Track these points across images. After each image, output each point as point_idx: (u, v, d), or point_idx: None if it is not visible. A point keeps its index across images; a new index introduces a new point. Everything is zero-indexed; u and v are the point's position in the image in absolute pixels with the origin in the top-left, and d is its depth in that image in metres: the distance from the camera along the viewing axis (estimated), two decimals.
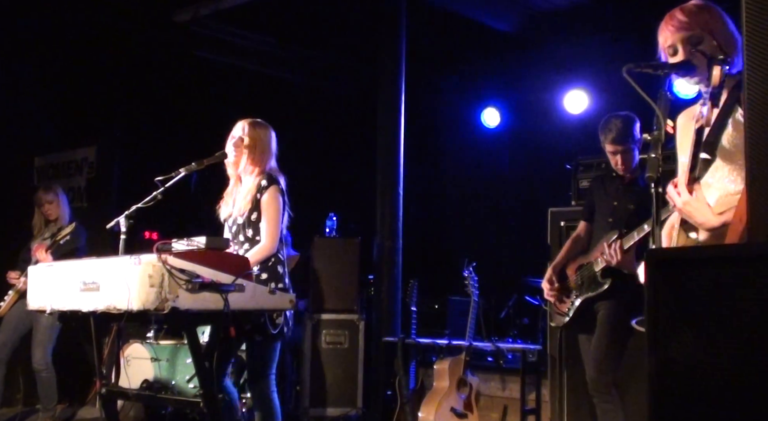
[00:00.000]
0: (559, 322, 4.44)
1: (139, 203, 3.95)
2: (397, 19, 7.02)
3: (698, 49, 2.56)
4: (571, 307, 4.31)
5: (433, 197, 8.97)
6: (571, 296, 4.34)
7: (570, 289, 4.34)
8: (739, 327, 1.75)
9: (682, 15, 2.61)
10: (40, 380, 6.04)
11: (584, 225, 4.51)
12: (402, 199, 6.93)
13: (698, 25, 2.57)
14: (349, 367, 6.65)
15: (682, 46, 2.60)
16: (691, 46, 2.58)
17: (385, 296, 6.82)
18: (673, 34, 2.62)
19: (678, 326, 1.85)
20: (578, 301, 4.27)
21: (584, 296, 4.23)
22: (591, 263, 4.22)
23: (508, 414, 5.97)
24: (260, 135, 4.07)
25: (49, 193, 6.18)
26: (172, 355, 5.83)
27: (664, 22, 2.65)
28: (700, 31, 2.57)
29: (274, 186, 3.98)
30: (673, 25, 2.61)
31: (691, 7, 2.63)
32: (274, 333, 3.81)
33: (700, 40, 2.57)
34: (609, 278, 4.11)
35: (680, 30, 2.60)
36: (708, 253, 2.05)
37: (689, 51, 2.58)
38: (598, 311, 4.20)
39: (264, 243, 3.91)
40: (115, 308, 3.20)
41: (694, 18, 2.59)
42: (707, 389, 1.79)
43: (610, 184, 4.38)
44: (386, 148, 6.95)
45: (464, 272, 5.74)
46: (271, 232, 3.92)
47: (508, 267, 7.33)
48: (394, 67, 6.99)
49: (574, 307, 4.29)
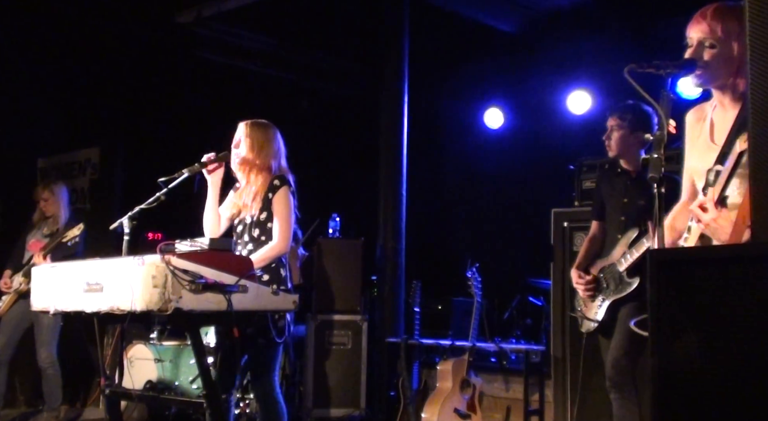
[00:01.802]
0: (589, 328, 4.25)
1: (142, 204, 3.95)
2: (399, 20, 7.03)
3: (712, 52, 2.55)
4: (599, 311, 4.17)
5: (436, 198, 8.97)
6: (597, 299, 4.21)
7: (597, 291, 4.22)
8: (742, 327, 1.75)
9: (706, 15, 2.60)
10: (46, 378, 6.04)
11: (597, 224, 4.42)
12: (405, 200, 6.93)
13: (720, 27, 2.56)
14: (352, 368, 6.65)
15: (695, 45, 2.60)
16: (704, 48, 2.58)
17: (389, 297, 6.82)
18: (693, 30, 2.61)
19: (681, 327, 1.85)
20: (606, 303, 4.14)
21: (612, 298, 4.10)
22: (614, 264, 4.12)
23: (512, 415, 5.96)
24: (261, 134, 4.06)
25: (45, 191, 6.20)
26: (175, 356, 5.84)
27: (693, 17, 2.64)
28: (721, 32, 2.55)
29: (286, 186, 3.98)
30: (697, 22, 2.61)
31: (717, 8, 2.61)
32: (278, 340, 3.81)
33: (717, 43, 2.56)
34: (636, 277, 4.00)
35: (700, 29, 2.59)
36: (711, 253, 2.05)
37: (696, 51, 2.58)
38: (620, 310, 4.10)
39: (276, 242, 3.91)
40: (118, 309, 3.21)
41: (716, 18, 2.57)
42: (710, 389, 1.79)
43: (617, 181, 4.32)
44: (389, 148, 6.96)
45: (467, 273, 5.74)
46: (283, 231, 3.92)
47: (511, 268, 7.32)
48: (396, 68, 6.99)
49: (602, 310, 4.16)
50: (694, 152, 2.77)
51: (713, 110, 2.72)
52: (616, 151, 4.26)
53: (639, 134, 4.16)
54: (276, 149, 4.09)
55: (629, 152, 4.25)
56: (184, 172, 3.97)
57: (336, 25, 7.72)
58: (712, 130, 2.70)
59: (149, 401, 5.34)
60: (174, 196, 3.98)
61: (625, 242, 4.09)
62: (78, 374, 6.71)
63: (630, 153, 4.26)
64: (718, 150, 2.58)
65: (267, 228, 3.97)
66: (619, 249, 4.12)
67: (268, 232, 3.97)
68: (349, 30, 7.82)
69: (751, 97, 1.90)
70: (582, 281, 4.24)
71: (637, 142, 4.20)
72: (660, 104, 2.45)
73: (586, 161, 5.47)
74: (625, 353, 4.01)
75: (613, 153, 4.29)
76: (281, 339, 3.84)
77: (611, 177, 4.41)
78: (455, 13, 7.24)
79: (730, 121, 2.59)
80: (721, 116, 2.68)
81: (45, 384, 6.07)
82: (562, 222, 5.47)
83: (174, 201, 4.00)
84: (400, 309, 6.77)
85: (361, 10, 7.31)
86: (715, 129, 2.69)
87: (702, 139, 2.72)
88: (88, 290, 3.38)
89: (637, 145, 4.22)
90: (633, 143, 4.21)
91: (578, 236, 5.36)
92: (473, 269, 5.73)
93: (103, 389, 3.96)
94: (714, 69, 2.59)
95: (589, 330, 4.27)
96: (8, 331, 6.02)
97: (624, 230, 4.14)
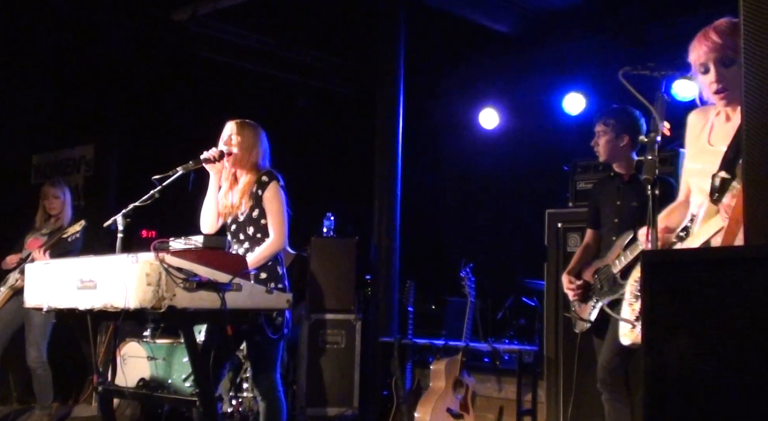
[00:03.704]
0: (582, 328, 4.27)
1: (136, 202, 3.94)
2: (395, 19, 7.03)
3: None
4: (593, 311, 4.20)
5: (431, 198, 8.97)
6: (591, 300, 4.23)
7: (591, 292, 4.25)
8: (735, 329, 1.76)
9: (715, 35, 2.61)
10: (36, 378, 6.03)
11: (591, 233, 4.44)
12: (399, 200, 6.93)
13: (730, 46, 2.57)
14: (346, 367, 6.65)
15: (714, 67, 2.61)
16: (723, 67, 2.59)
17: (382, 297, 6.83)
18: (706, 54, 2.62)
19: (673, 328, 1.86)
20: (599, 304, 4.15)
21: (606, 299, 4.11)
22: (608, 266, 4.12)
23: (504, 415, 5.97)
24: (251, 134, 4.08)
25: (56, 188, 6.17)
26: (168, 354, 5.83)
27: (698, 39, 2.65)
28: (732, 52, 2.56)
29: (274, 182, 4.00)
30: (707, 45, 2.62)
31: (725, 27, 2.63)
32: (273, 336, 3.81)
33: (733, 61, 2.57)
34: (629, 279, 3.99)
35: (713, 51, 2.61)
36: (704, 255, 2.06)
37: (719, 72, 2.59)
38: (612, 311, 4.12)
39: (273, 239, 3.93)
40: (112, 307, 3.20)
41: (726, 39, 2.59)
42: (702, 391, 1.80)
43: (610, 185, 4.36)
44: (384, 148, 6.96)
45: (461, 273, 5.74)
46: (278, 227, 3.93)
47: (505, 268, 7.32)
48: (392, 67, 6.99)
49: (595, 311, 4.18)
50: (691, 153, 2.79)
51: (716, 116, 2.75)
52: (605, 157, 4.31)
53: (624, 137, 4.22)
54: (264, 150, 4.12)
55: (618, 156, 4.29)
56: (179, 170, 3.97)
57: (331, 23, 7.72)
58: (711, 133, 2.72)
59: (142, 398, 5.32)
60: (168, 194, 3.97)
61: (620, 244, 4.11)
62: (71, 371, 6.70)
63: (619, 156, 4.30)
64: (712, 152, 2.60)
65: (261, 224, 3.98)
66: (614, 251, 4.14)
67: (262, 228, 3.98)
68: (345, 29, 7.82)
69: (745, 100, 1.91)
70: (572, 286, 4.27)
71: (625, 146, 4.24)
72: (654, 106, 2.47)
73: (581, 162, 5.48)
74: (616, 353, 4.03)
75: (602, 158, 4.33)
76: (276, 336, 3.84)
77: (604, 181, 4.45)
78: (451, 13, 7.24)
79: (731, 126, 2.61)
80: (722, 120, 2.71)
81: (35, 383, 6.06)
82: (556, 223, 5.48)
83: (168, 199, 4.00)
84: (393, 309, 6.78)
85: (356, 8, 7.31)
86: (714, 132, 2.71)
87: (701, 141, 2.74)
88: (82, 287, 3.38)
89: (626, 148, 4.26)
90: (620, 147, 4.25)
91: (572, 236, 5.37)
92: (467, 269, 5.74)
93: (95, 386, 3.95)
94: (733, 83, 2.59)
95: (582, 330, 4.29)
96: (1, 327, 6.01)
97: (619, 232, 4.16)
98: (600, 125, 4.29)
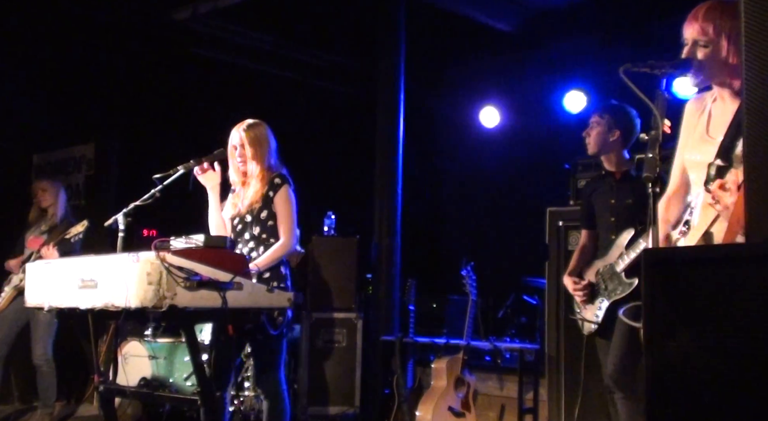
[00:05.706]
0: (590, 329, 4.23)
1: (137, 201, 3.94)
2: (396, 18, 7.03)
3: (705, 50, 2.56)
4: (599, 312, 4.16)
5: (432, 196, 8.97)
6: (596, 301, 4.20)
7: (595, 293, 4.21)
8: (736, 327, 1.75)
9: (698, 15, 2.61)
10: (40, 376, 6.03)
11: (587, 233, 4.43)
12: (400, 198, 6.93)
13: (712, 26, 2.57)
14: (347, 366, 6.65)
15: (689, 45, 2.61)
16: (698, 47, 2.59)
17: (384, 295, 6.82)
18: (687, 30, 2.63)
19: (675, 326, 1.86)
20: (605, 304, 4.12)
21: (612, 299, 4.08)
22: (612, 265, 4.11)
23: (506, 413, 5.97)
24: (258, 135, 4.06)
25: (43, 182, 6.19)
26: (169, 353, 5.84)
27: (687, 17, 2.65)
28: (713, 32, 2.56)
29: (286, 184, 4.01)
30: (690, 22, 2.62)
31: (709, 7, 2.62)
32: (274, 334, 3.82)
33: (710, 43, 2.56)
34: (635, 277, 3.98)
35: (693, 29, 2.61)
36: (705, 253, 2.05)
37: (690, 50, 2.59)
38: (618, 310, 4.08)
39: (283, 241, 3.94)
40: (113, 306, 3.20)
41: (708, 18, 2.58)
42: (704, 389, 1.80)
43: (602, 184, 4.35)
44: (385, 146, 6.96)
45: (462, 272, 5.74)
46: (288, 229, 3.95)
47: (506, 266, 7.31)
48: (392, 66, 6.99)
49: (602, 312, 4.14)
50: (689, 143, 2.77)
51: (713, 102, 2.73)
52: (594, 148, 4.32)
53: (616, 132, 4.23)
54: (272, 147, 4.11)
55: (606, 149, 4.30)
56: (180, 169, 3.97)
57: (332, 22, 7.71)
58: (709, 123, 2.70)
59: (143, 398, 5.34)
60: (169, 193, 3.97)
61: (620, 242, 4.10)
62: (72, 370, 6.70)
63: (607, 150, 4.30)
64: (712, 143, 2.58)
65: (268, 225, 3.98)
66: (614, 250, 4.13)
67: (268, 229, 3.98)
68: (346, 27, 7.82)
69: (746, 99, 1.91)
70: (578, 287, 4.24)
71: (615, 140, 4.25)
72: (655, 104, 2.46)
73: (582, 160, 5.48)
74: (627, 351, 3.99)
75: (591, 150, 4.33)
76: (276, 332, 3.84)
77: (596, 180, 4.46)
78: (451, 12, 7.24)
79: (728, 115, 2.59)
80: (720, 110, 2.68)
81: (39, 381, 6.06)
82: (557, 221, 5.47)
83: (169, 198, 4.00)
84: (395, 307, 6.78)
85: (357, 7, 7.30)
86: (712, 122, 2.69)
87: (698, 131, 2.73)
88: (83, 287, 3.38)
89: (615, 143, 4.26)
90: (610, 141, 4.26)
91: (573, 235, 5.37)
92: (468, 268, 5.73)
93: (97, 386, 3.96)
94: (708, 68, 2.60)
95: (590, 332, 4.25)
96: (5, 327, 6.02)
97: (616, 230, 4.15)
98: (595, 117, 4.33)
